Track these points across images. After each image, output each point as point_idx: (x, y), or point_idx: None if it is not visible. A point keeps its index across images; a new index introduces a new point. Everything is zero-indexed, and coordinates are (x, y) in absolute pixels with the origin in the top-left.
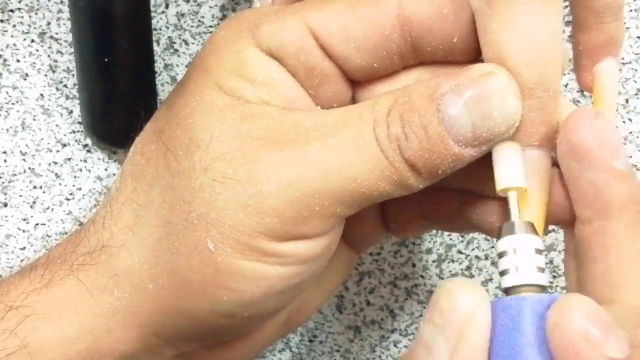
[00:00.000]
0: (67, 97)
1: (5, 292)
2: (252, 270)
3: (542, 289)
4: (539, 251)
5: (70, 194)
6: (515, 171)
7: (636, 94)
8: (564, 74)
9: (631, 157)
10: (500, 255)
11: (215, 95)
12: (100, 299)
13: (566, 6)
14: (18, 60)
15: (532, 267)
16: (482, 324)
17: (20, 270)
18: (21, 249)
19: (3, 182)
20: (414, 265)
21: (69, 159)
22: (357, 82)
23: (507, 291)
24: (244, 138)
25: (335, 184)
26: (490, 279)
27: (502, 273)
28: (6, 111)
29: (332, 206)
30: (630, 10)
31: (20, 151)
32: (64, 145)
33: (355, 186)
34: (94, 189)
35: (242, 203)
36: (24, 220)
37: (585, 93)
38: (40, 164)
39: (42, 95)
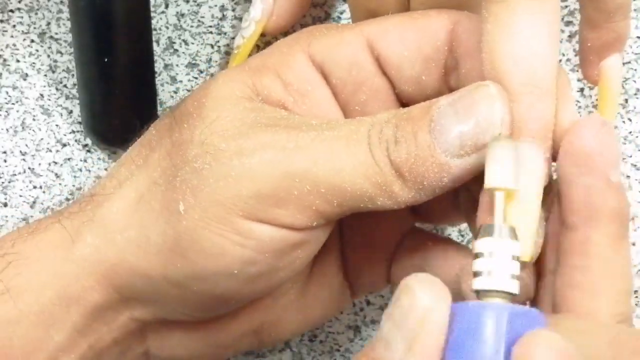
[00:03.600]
0: (67, 97)
1: None
2: (211, 243)
3: (512, 297)
4: (515, 258)
5: (70, 194)
6: (505, 171)
7: (636, 94)
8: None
9: (631, 156)
10: (476, 255)
11: (237, 87)
12: (76, 245)
13: (565, 6)
14: (18, 61)
15: (505, 274)
16: (437, 323)
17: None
18: None
19: (3, 182)
20: None
21: (69, 159)
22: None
23: (477, 294)
24: (247, 122)
25: (318, 173)
26: None
27: (475, 274)
28: (6, 111)
29: (311, 196)
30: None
31: (20, 151)
32: (64, 145)
33: (338, 180)
34: None
35: (224, 173)
36: (24, 220)
37: (585, 93)
38: (40, 164)
39: (42, 95)
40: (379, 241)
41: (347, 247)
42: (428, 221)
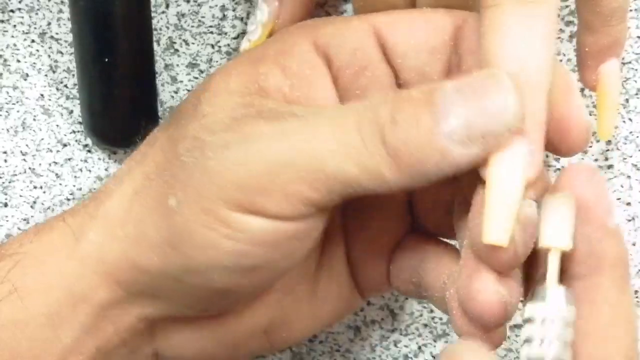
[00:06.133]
0: (67, 97)
1: (3, 244)
2: (202, 236)
3: None
4: (570, 324)
5: (71, 194)
6: (564, 228)
7: (636, 94)
8: None
9: (631, 156)
10: (526, 320)
11: (233, 79)
12: (79, 243)
13: (566, 6)
14: (18, 61)
15: (559, 342)
16: None
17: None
18: None
19: (3, 182)
20: None
21: (69, 159)
22: None
23: None
24: (236, 117)
25: (300, 159)
26: None
27: (526, 340)
28: (6, 111)
29: (295, 183)
30: (631, 10)
31: (21, 151)
32: (64, 145)
33: (320, 164)
34: (94, 189)
35: (210, 167)
36: (24, 220)
37: (586, 93)
38: (40, 164)
39: (42, 95)
40: (378, 240)
41: (350, 245)
42: (423, 229)
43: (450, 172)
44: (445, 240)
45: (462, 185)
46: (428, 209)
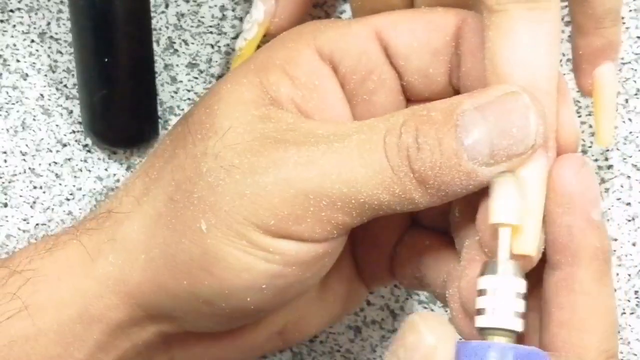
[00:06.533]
0: (67, 97)
1: (11, 258)
2: (237, 259)
3: (516, 335)
4: (520, 295)
5: (71, 194)
6: (511, 206)
7: (636, 94)
8: (564, 74)
9: (631, 156)
10: (480, 292)
11: (245, 88)
12: (97, 263)
13: (565, 6)
14: (18, 61)
15: (509, 312)
16: None
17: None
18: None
19: (3, 182)
20: None
21: (69, 159)
22: (410, 101)
23: (481, 332)
24: (256, 135)
25: (332, 188)
26: None
27: (478, 312)
28: (6, 111)
29: (328, 210)
30: (630, 11)
31: (21, 151)
32: (64, 145)
33: (353, 192)
34: (94, 189)
35: (240, 191)
36: (24, 220)
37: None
38: (40, 164)
39: (42, 95)
40: (380, 235)
41: (354, 240)
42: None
43: (476, 189)
44: (445, 235)
45: None
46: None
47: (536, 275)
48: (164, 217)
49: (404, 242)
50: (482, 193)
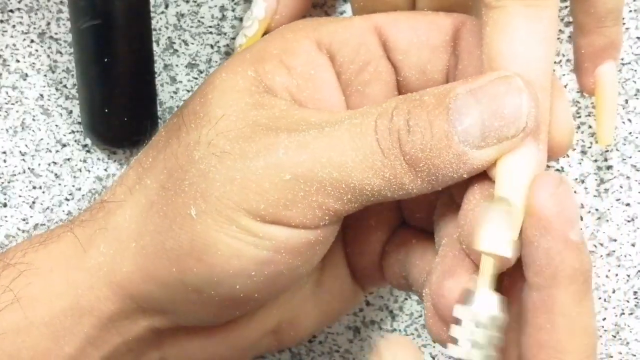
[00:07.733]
0: (67, 97)
1: (6, 252)
2: (226, 245)
3: None
4: (495, 329)
5: (70, 194)
6: (501, 236)
7: (636, 95)
8: (564, 75)
9: (631, 157)
10: (456, 321)
11: (240, 77)
12: (89, 254)
13: (565, 6)
14: (18, 61)
15: (484, 345)
16: None
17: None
18: None
19: (3, 183)
20: None
21: (68, 159)
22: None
23: None
24: (249, 122)
25: (323, 171)
26: None
27: (453, 340)
28: (6, 111)
29: (319, 195)
30: (630, 11)
31: (20, 151)
32: (64, 145)
33: (344, 176)
34: (94, 189)
35: (230, 176)
36: (24, 220)
37: (585, 93)
38: (39, 164)
39: (41, 95)
40: (371, 235)
41: (346, 240)
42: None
43: (467, 175)
44: (432, 235)
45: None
46: (414, 205)
47: (515, 294)
48: (155, 205)
49: (391, 242)
50: (466, 187)
